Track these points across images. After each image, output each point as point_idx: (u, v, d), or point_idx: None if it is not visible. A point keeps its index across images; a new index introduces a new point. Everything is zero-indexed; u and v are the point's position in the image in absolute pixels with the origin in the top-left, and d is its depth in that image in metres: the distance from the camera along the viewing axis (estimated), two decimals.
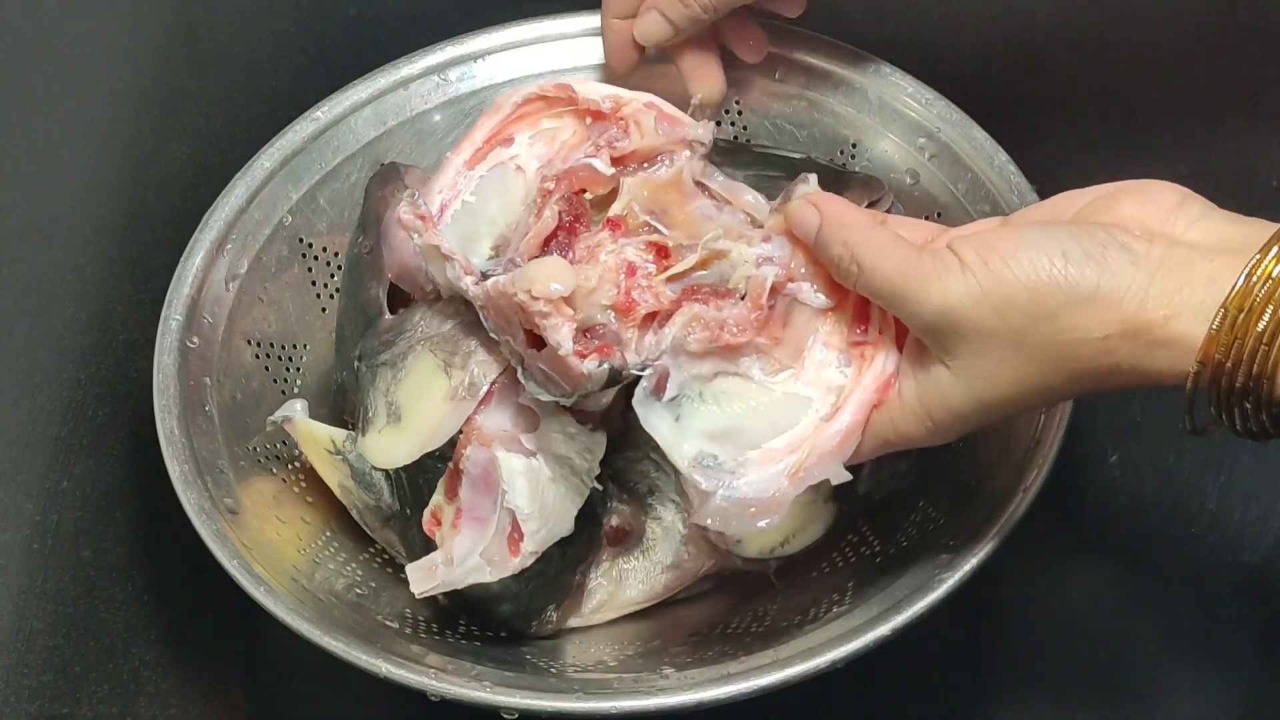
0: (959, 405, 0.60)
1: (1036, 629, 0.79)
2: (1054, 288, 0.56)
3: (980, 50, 0.93)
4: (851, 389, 0.65)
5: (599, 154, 0.70)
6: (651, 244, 0.69)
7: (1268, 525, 0.81)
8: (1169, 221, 0.58)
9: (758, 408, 0.66)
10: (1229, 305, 0.54)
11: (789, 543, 0.74)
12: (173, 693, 0.76)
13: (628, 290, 0.67)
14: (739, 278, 0.67)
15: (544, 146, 0.73)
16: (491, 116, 0.74)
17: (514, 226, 0.71)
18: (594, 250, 0.69)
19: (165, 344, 0.75)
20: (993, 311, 0.57)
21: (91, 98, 0.88)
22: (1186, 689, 0.77)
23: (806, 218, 0.64)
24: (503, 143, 0.73)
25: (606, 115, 0.71)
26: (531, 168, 0.72)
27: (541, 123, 0.73)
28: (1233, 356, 0.54)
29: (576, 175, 0.70)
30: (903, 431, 0.63)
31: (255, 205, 0.80)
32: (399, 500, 0.74)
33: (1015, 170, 0.78)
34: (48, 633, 0.73)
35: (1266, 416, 0.56)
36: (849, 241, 0.62)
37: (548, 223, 0.69)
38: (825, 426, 0.65)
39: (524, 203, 0.72)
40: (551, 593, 0.73)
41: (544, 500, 0.69)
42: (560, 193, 0.69)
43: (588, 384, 0.65)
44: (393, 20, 0.98)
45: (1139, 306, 0.56)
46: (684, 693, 0.66)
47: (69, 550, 0.75)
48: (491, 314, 0.67)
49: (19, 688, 0.72)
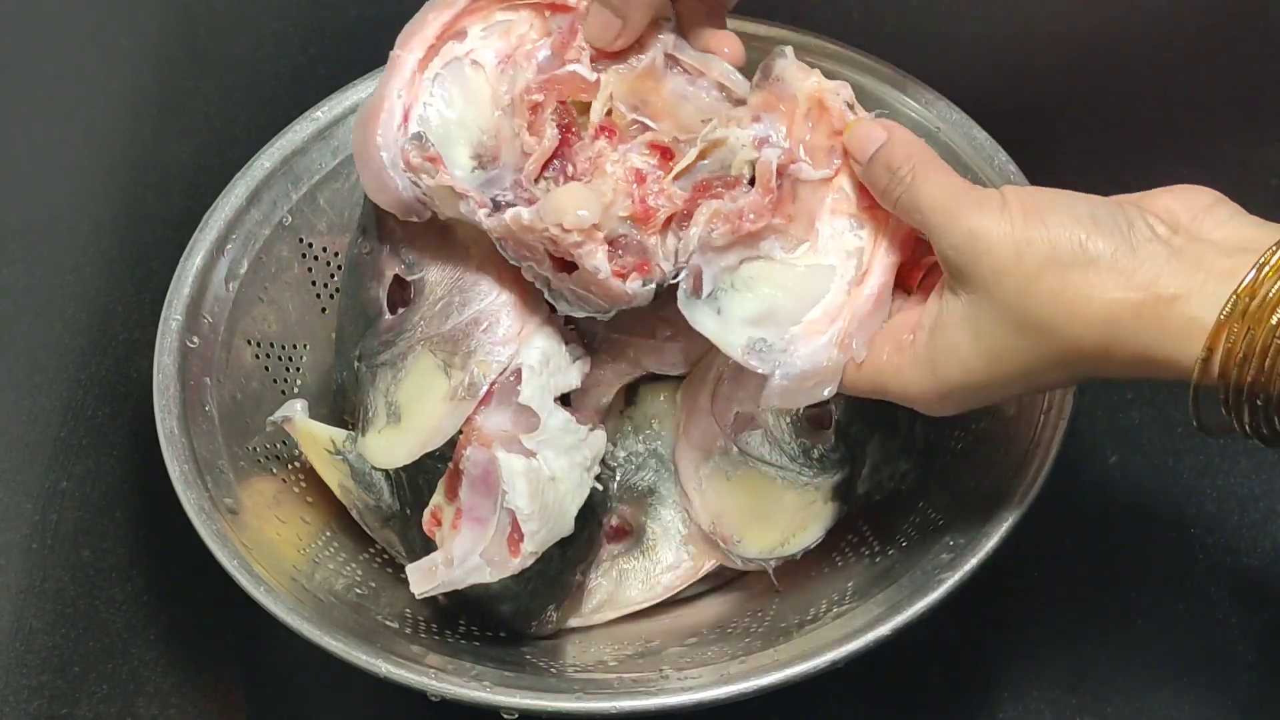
0: (962, 353, 0.60)
1: (1036, 629, 0.79)
2: (1074, 243, 0.57)
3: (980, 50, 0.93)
4: (872, 250, 0.66)
5: (581, 57, 0.68)
6: (653, 145, 0.68)
7: (1266, 529, 0.81)
8: (1197, 219, 0.59)
9: (787, 284, 0.67)
10: (1241, 293, 0.54)
11: (789, 543, 0.74)
12: (173, 693, 0.76)
13: (642, 198, 0.67)
14: (740, 162, 0.67)
15: (500, 40, 0.71)
16: (444, 10, 0.70)
17: (492, 133, 0.70)
18: (597, 162, 0.68)
19: (165, 344, 0.75)
20: (1013, 249, 0.58)
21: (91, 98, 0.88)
22: (1185, 691, 0.77)
23: (871, 135, 0.65)
24: (455, 37, 0.70)
25: (570, 6, 0.69)
26: (490, 63, 0.71)
27: (494, 15, 0.70)
28: (1243, 347, 0.54)
29: (564, 84, 0.68)
30: (905, 381, 0.63)
31: (255, 205, 0.80)
32: (399, 500, 0.74)
33: (1015, 170, 0.78)
34: (48, 633, 0.73)
35: (1276, 414, 0.55)
36: (914, 156, 0.63)
37: (551, 142, 0.68)
38: (858, 292, 0.66)
39: (494, 103, 0.70)
40: (551, 593, 0.73)
41: (544, 500, 0.69)
42: (550, 105, 0.68)
43: (633, 301, 0.66)
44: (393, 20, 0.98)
45: (1151, 281, 0.56)
46: (684, 693, 0.66)
47: (69, 550, 0.75)
48: (510, 244, 0.67)
49: (19, 688, 0.72)
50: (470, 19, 0.70)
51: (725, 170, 0.68)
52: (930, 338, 0.62)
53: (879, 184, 0.64)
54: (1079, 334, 0.57)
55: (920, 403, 0.63)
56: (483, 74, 0.70)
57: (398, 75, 0.70)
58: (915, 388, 0.63)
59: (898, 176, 0.63)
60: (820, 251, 0.67)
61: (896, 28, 0.95)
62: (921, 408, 0.64)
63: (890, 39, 0.86)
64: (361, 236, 0.79)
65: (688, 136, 0.68)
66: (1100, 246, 0.57)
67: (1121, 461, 0.84)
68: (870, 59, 0.82)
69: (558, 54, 0.69)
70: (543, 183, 0.68)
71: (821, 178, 0.67)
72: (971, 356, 0.60)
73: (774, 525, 0.74)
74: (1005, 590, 0.78)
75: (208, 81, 0.94)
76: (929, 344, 0.62)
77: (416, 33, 0.70)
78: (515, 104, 0.69)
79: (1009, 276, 0.58)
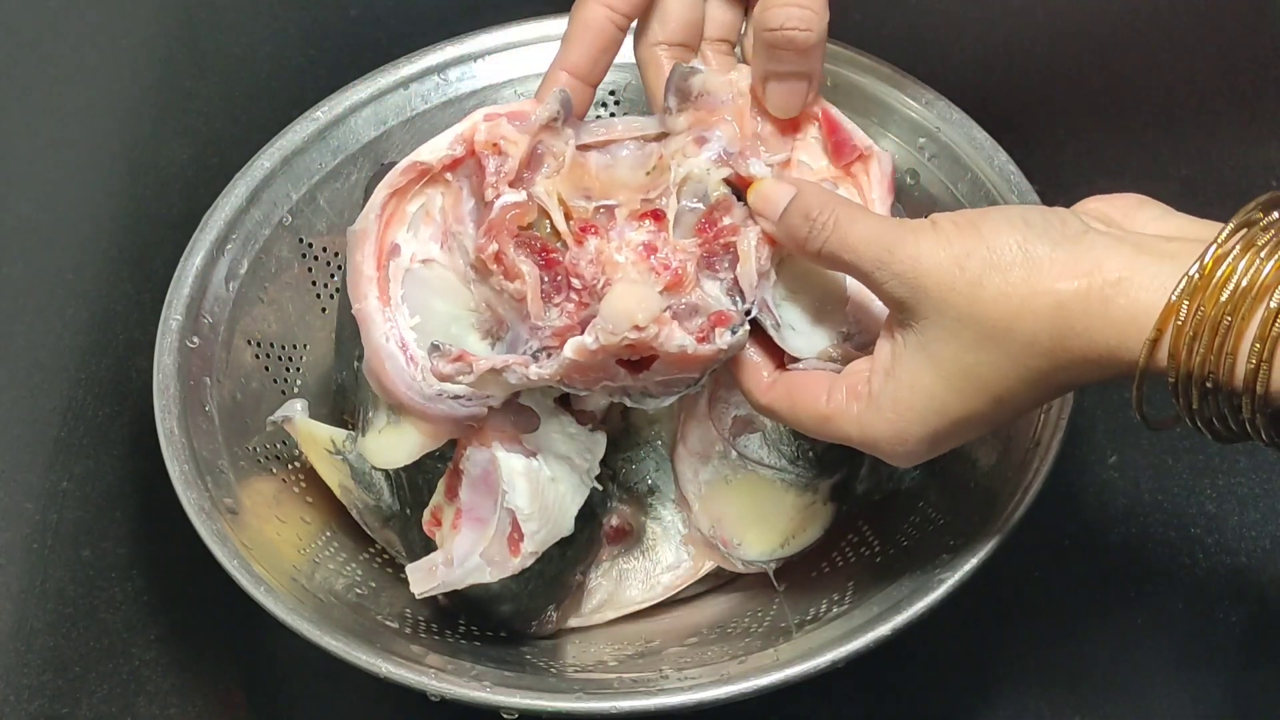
0: (922, 382, 0.59)
1: (1036, 629, 0.79)
2: (1012, 245, 0.57)
3: (980, 50, 0.93)
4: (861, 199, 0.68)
5: (498, 189, 0.66)
6: (641, 216, 0.68)
7: (1265, 529, 0.81)
8: (1129, 217, 0.59)
9: (809, 272, 0.67)
10: (1192, 275, 0.53)
11: (789, 544, 0.74)
12: (173, 693, 0.76)
13: (665, 265, 0.67)
14: (715, 184, 0.67)
15: (426, 226, 0.69)
16: (365, 243, 0.68)
17: (486, 306, 0.68)
18: (602, 260, 0.67)
19: (165, 344, 0.75)
20: (953, 262, 0.57)
21: (91, 98, 0.88)
22: (1184, 690, 0.77)
23: (779, 191, 0.64)
24: (391, 256, 0.68)
25: (461, 158, 0.67)
26: (434, 252, 0.69)
27: (406, 210, 0.68)
28: (1193, 326, 0.53)
29: (503, 223, 0.66)
30: (866, 426, 0.61)
31: (255, 205, 0.80)
32: (399, 500, 0.74)
33: (1015, 170, 0.78)
34: (48, 633, 0.74)
35: (1225, 406, 0.55)
36: (829, 204, 0.62)
37: (533, 273, 0.66)
38: None
39: (464, 280, 0.68)
40: (551, 593, 0.73)
41: (544, 500, 0.69)
42: (507, 245, 0.66)
43: (729, 354, 0.65)
44: (393, 20, 0.98)
45: (1094, 268, 0.55)
46: (684, 693, 0.66)
47: (69, 550, 0.75)
48: (579, 378, 0.65)
49: (19, 688, 0.72)
50: (390, 231, 0.68)
51: (705, 199, 0.68)
52: (887, 379, 0.60)
53: (798, 235, 0.62)
54: (1031, 332, 0.56)
55: (885, 447, 0.61)
56: (436, 265, 0.68)
57: (372, 326, 0.68)
58: (877, 431, 0.61)
59: (819, 224, 0.61)
60: None
61: (896, 28, 0.95)
62: (887, 454, 0.62)
63: (890, 39, 0.86)
64: None
65: (654, 194, 0.68)
66: (1039, 244, 0.57)
67: (1121, 461, 0.84)
68: (870, 59, 0.82)
69: (479, 198, 0.67)
70: (552, 311, 0.66)
71: (780, 161, 0.67)
72: (932, 384, 0.59)
73: (774, 527, 0.74)
74: (1005, 590, 0.78)
75: (208, 81, 0.94)
76: (885, 385, 0.60)
77: (357, 281, 0.68)
78: (479, 267, 0.67)
79: (954, 292, 0.57)
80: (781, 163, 0.68)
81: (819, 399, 0.63)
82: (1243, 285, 0.53)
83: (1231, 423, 0.55)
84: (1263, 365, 0.53)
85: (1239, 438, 0.56)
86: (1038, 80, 0.93)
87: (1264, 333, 0.53)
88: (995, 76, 0.92)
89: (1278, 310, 0.52)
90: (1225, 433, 0.56)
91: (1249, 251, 0.54)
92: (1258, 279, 0.53)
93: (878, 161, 0.69)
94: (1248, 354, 0.53)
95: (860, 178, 0.69)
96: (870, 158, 0.69)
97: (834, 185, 0.68)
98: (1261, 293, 0.53)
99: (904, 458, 0.61)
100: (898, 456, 0.62)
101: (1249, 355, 0.53)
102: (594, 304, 0.66)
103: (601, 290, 0.66)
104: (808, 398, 0.63)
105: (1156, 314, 0.54)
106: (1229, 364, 0.53)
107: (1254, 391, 0.53)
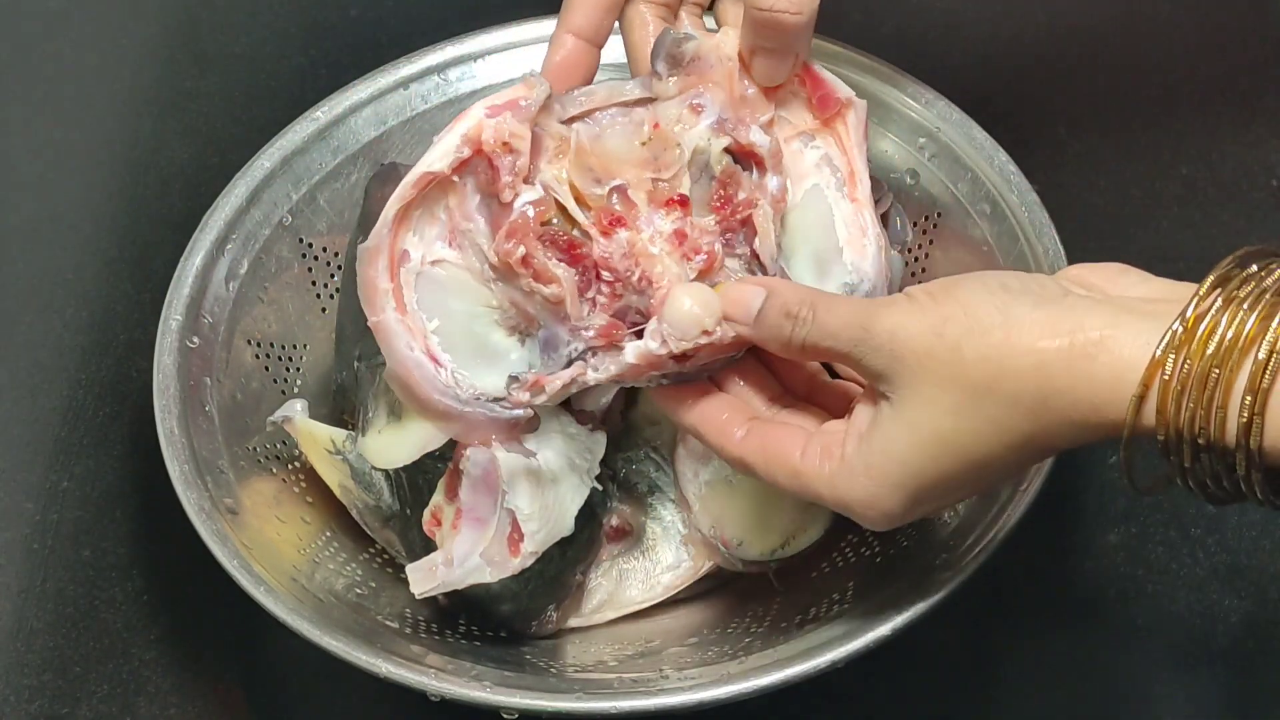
0: (896, 448, 0.58)
1: (1036, 629, 0.79)
2: (990, 306, 0.56)
3: (980, 50, 0.93)
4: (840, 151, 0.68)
5: (516, 188, 0.66)
6: (668, 203, 0.67)
7: (1265, 529, 0.81)
8: (1113, 282, 0.58)
9: (802, 224, 0.68)
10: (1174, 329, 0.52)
11: (789, 544, 0.74)
12: (173, 693, 0.76)
13: (696, 251, 0.67)
14: (717, 156, 0.67)
15: (432, 226, 0.67)
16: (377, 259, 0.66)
17: (511, 305, 0.67)
18: (635, 252, 0.66)
19: (165, 344, 0.75)
20: (931, 330, 0.57)
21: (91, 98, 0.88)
22: (1185, 691, 0.77)
23: (749, 293, 0.62)
24: (401, 262, 0.67)
25: (469, 158, 0.65)
26: (444, 252, 0.67)
27: (411, 215, 0.66)
28: (1179, 380, 0.52)
29: (527, 223, 0.66)
30: (840, 491, 0.60)
31: (255, 205, 0.80)
32: (399, 500, 0.74)
33: (1015, 170, 0.78)
34: (48, 633, 0.74)
35: (1219, 464, 0.53)
36: (805, 298, 0.61)
37: (569, 281, 0.65)
38: (854, 190, 0.68)
39: (480, 279, 0.67)
40: (551, 593, 0.73)
41: (544, 500, 0.69)
42: (534, 247, 0.66)
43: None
44: (393, 20, 0.98)
45: (1075, 326, 0.54)
46: (684, 693, 0.66)
47: (69, 550, 0.75)
48: (631, 375, 0.65)
49: (19, 688, 0.72)
50: (399, 238, 0.67)
51: (709, 170, 0.67)
52: (861, 443, 0.59)
53: (780, 334, 0.61)
54: (1013, 393, 0.55)
55: (858, 510, 0.60)
56: (447, 265, 0.67)
57: (394, 338, 0.66)
58: (850, 495, 0.60)
59: (801, 319, 0.60)
60: (796, 179, 0.68)
61: (896, 28, 0.95)
62: (859, 517, 0.60)
63: (890, 39, 0.86)
64: (361, 236, 0.79)
65: (667, 174, 0.67)
66: (1018, 306, 0.56)
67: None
68: (870, 59, 0.82)
69: (488, 195, 0.66)
70: (584, 307, 0.66)
71: (765, 121, 0.68)
72: (907, 450, 0.58)
73: (774, 528, 0.74)
74: (1005, 590, 0.78)
75: (208, 81, 0.94)
76: (859, 450, 0.59)
77: (373, 296, 0.66)
78: (502, 269, 0.66)
79: (932, 358, 0.57)
80: (766, 122, 0.68)
81: (793, 453, 0.61)
82: (1228, 338, 0.52)
83: (1226, 482, 0.54)
84: (1255, 418, 0.52)
85: (1234, 498, 0.54)
86: (1038, 80, 0.93)
87: (1254, 385, 0.51)
88: (995, 76, 0.92)
89: (1265, 362, 0.51)
90: (1220, 493, 0.54)
91: (1230, 305, 0.53)
92: (1242, 331, 0.52)
93: (855, 111, 0.69)
94: (1239, 408, 0.52)
95: (839, 129, 0.69)
96: (849, 107, 0.69)
97: (813, 138, 0.69)
98: (1248, 345, 0.52)
99: (876, 522, 0.60)
100: (870, 520, 0.60)
101: (1240, 409, 0.52)
102: (628, 295, 0.66)
103: (639, 284, 0.66)
104: (782, 451, 0.62)
105: (1141, 370, 0.53)
106: (1220, 418, 0.52)
107: (1247, 447, 0.52)
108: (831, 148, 0.69)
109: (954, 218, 0.79)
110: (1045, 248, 0.75)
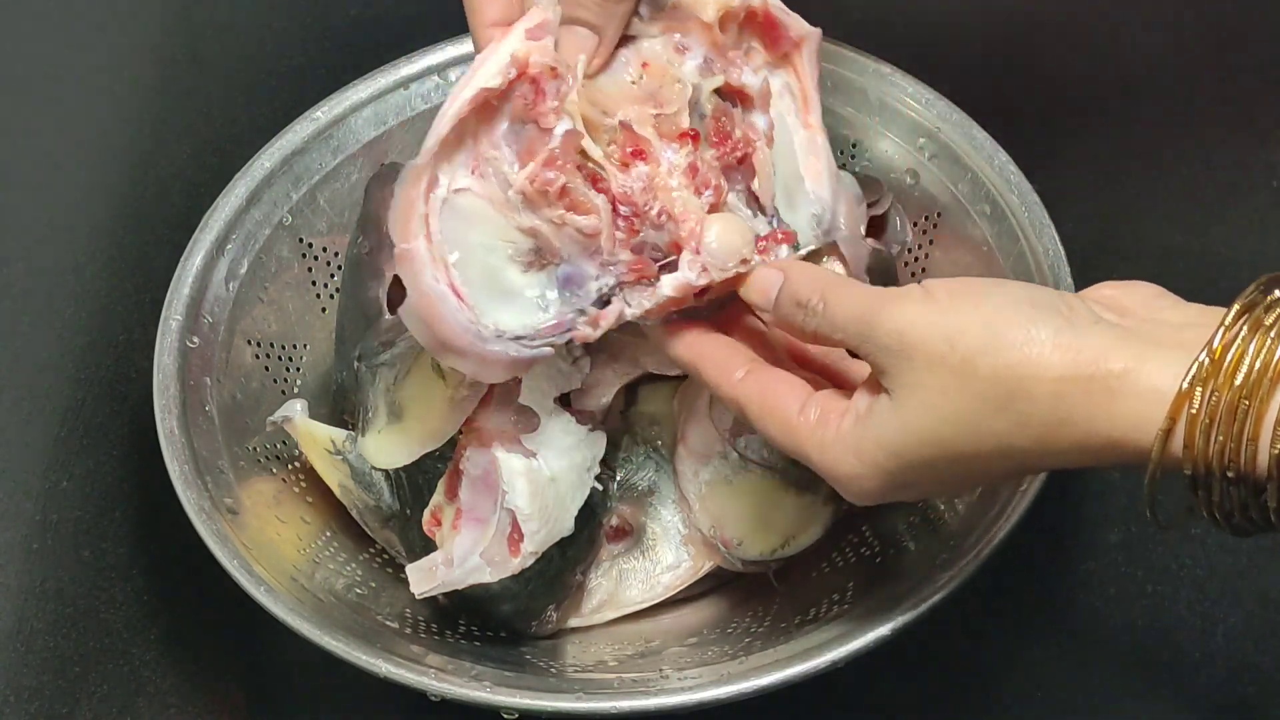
0: (889, 438, 0.57)
1: (1035, 629, 0.79)
2: (1011, 325, 0.54)
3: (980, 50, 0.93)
4: (796, 81, 0.69)
5: (553, 116, 0.63)
6: (681, 137, 0.66)
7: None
8: (1148, 305, 0.57)
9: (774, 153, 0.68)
10: (1201, 360, 0.51)
11: (789, 544, 0.74)
12: (173, 693, 0.76)
13: (707, 183, 0.66)
14: (708, 95, 0.67)
15: (461, 154, 0.64)
16: (417, 183, 0.63)
17: (530, 236, 0.65)
18: (654, 186, 0.65)
19: (165, 344, 0.75)
20: (943, 338, 0.55)
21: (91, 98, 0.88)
22: (1185, 691, 0.77)
23: (769, 278, 0.62)
24: (430, 189, 0.64)
25: (515, 80, 0.63)
26: (468, 182, 0.65)
27: (466, 134, 0.64)
28: (1208, 413, 0.51)
29: (569, 152, 0.64)
30: (828, 459, 0.59)
31: (255, 205, 0.80)
32: (399, 500, 0.74)
33: (1015, 170, 0.78)
34: (48, 633, 0.73)
35: (1249, 496, 0.51)
36: (816, 285, 0.60)
37: (607, 212, 0.64)
38: (807, 116, 0.69)
39: (502, 209, 0.64)
40: (551, 593, 0.73)
41: (544, 500, 0.69)
42: (574, 179, 0.64)
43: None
44: (393, 20, 0.98)
45: (1099, 356, 0.53)
46: (684, 693, 0.66)
47: (69, 550, 0.75)
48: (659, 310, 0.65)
49: (19, 688, 0.72)
50: (450, 159, 0.64)
51: (700, 109, 0.67)
52: (857, 424, 0.59)
53: (794, 321, 0.61)
54: (1024, 414, 0.54)
55: (842, 482, 0.59)
56: (469, 194, 0.64)
57: (420, 267, 0.63)
58: (837, 467, 0.59)
59: (810, 308, 0.60)
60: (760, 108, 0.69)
61: (896, 28, 0.95)
62: (840, 488, 0.60)
63: (890, 39, 0.86)
64: (361, 236, 0.79)
65: (670, 110, 0.66)
66: (1042, 328, 0.54)
67: None
68: (870, 59, 0.82)
69: (519, 120, 0.64)
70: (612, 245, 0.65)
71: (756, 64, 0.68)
72: (900, 446, 0.57)
73: (774, 528, 0.74)
74: (1005, 590, 0.78)
75: (208, 81, 0.94)
76: (854, 429, 0.58)
77: (409, 218, 0.63)
78: (532, 198, 0.64)
79: (942, 365, 0.55)
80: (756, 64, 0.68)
81: (791, 407, 0.61)
82: (1256, 367, 0.51)
83: (1254, 513, 0.52)
84: None
85: (1261, 529, 0.53)
86: (1038, 80, 0.93)
87: None
88: (995, 76, 0.92)
89: None
90: (1247, 525, 0.53)
91: (1258, 332, 0.51)
92: (1271, 359, 0.51)
93: (809, 40, 0.68)
94: (1270, 438, 0.50)
95: (797, 61, 0.69)
96: (803, 41, 0.68)
97: (771, 72, 0.68)
98: (1277, 374, 0.50)
99: (855, 496, 0.60)
100: (849, 493, 0.60)
101: (1273, 441, 0.50)
102: (645, 230, 0.65)
103: (657, 218, 0.65)
104: (781, 403, 0.61)
105: (1167, 404, 0.51)
106: (1250, 451, 0.51)
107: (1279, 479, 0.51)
108: (790, 76, 0.69)
109: (954, 218, 0.79)
110: (1045, 248, 0.75)
